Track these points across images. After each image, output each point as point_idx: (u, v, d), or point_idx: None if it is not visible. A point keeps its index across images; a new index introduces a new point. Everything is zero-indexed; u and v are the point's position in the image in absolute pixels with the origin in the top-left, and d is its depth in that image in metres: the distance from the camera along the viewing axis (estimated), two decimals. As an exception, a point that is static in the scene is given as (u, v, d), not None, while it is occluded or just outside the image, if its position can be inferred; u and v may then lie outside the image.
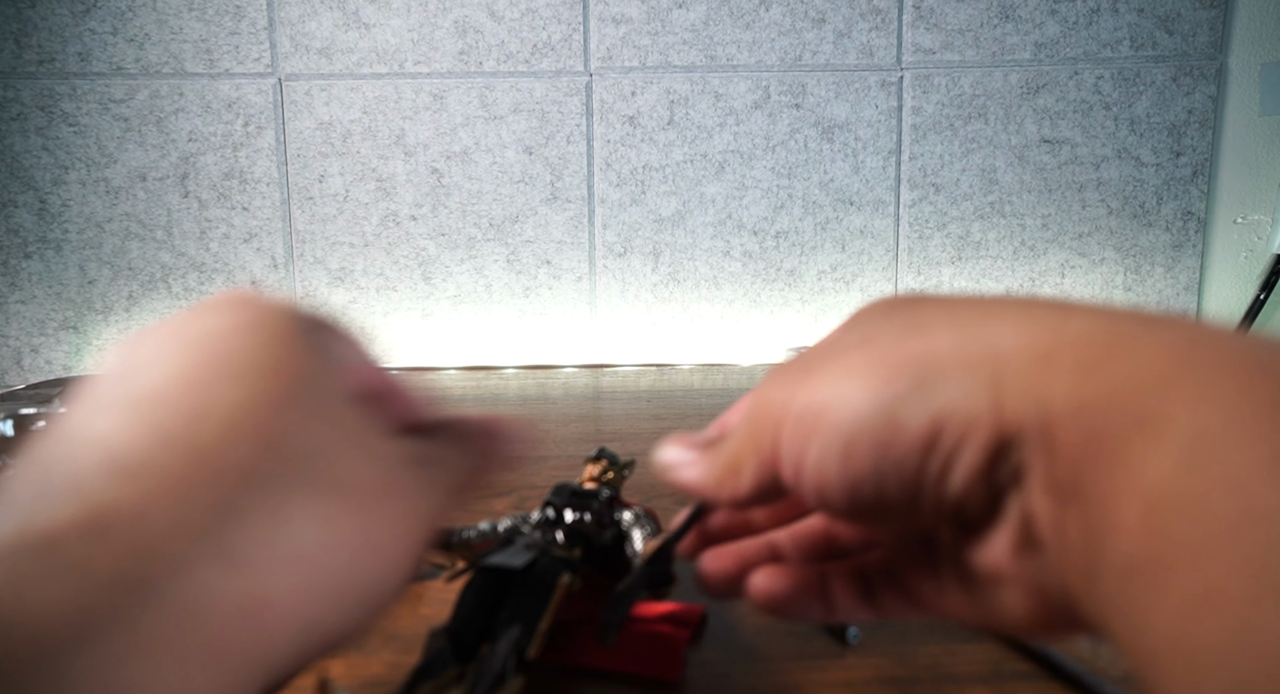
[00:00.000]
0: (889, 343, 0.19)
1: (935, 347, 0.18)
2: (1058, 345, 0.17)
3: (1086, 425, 0.15)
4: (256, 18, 0.93)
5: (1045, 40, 0.95)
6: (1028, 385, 0.17)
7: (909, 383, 0.18)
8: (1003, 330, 0.18)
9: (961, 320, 0.19)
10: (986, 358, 0.17)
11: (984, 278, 0.99)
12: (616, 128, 0.96)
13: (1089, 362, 0.16)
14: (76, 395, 0.20)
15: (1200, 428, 0.14)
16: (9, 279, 0.96)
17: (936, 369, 0.18)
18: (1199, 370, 0.14)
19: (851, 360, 0.19)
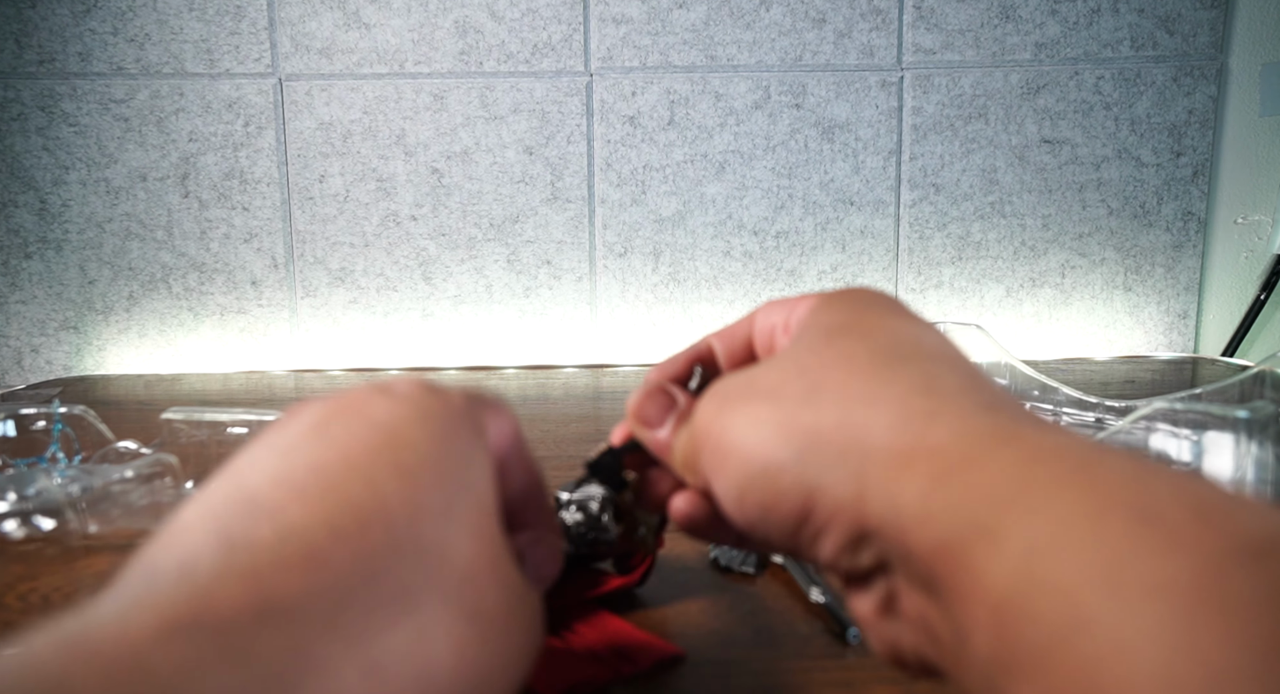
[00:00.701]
0: (790, 403, 0.21)
1: (821, 422, 0.20)
2: (916, 452, 0.18)
3: (935, 534, 0.17)
4: (257, 18, 0.93)
5: (1046, 40, 0.95)
6: (886, 486, 0.18)
7: (793, 454, 0.20)
8: (877, 421, 0.19)
9: (852, 394, 0.20)
10: (856, 449, 0.19)
11: (984, 278, 0.99)
12: (617, 128, 0.96)
13: (940, 473, 0.17)
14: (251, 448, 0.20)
15: (1033, 540, 0.15)
16: (9, 279, 0.96)
17: (816, 447, 0.20)
18: (1034, 487, 0.16)
19: (759, 411, 0.21)
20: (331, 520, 0.18)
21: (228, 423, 0.48)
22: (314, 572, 0.17)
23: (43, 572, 0.39)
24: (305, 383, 0.90)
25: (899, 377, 0.20)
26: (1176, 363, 0.95)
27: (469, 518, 0.20)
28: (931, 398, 0.19)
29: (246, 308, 0.98)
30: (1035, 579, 0.14)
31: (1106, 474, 0.15)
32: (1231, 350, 0.96)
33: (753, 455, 0.21)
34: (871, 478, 0.18)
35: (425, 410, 0.22)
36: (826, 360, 0.22)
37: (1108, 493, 0.15)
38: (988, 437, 0.18)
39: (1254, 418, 0.33)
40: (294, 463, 0.19)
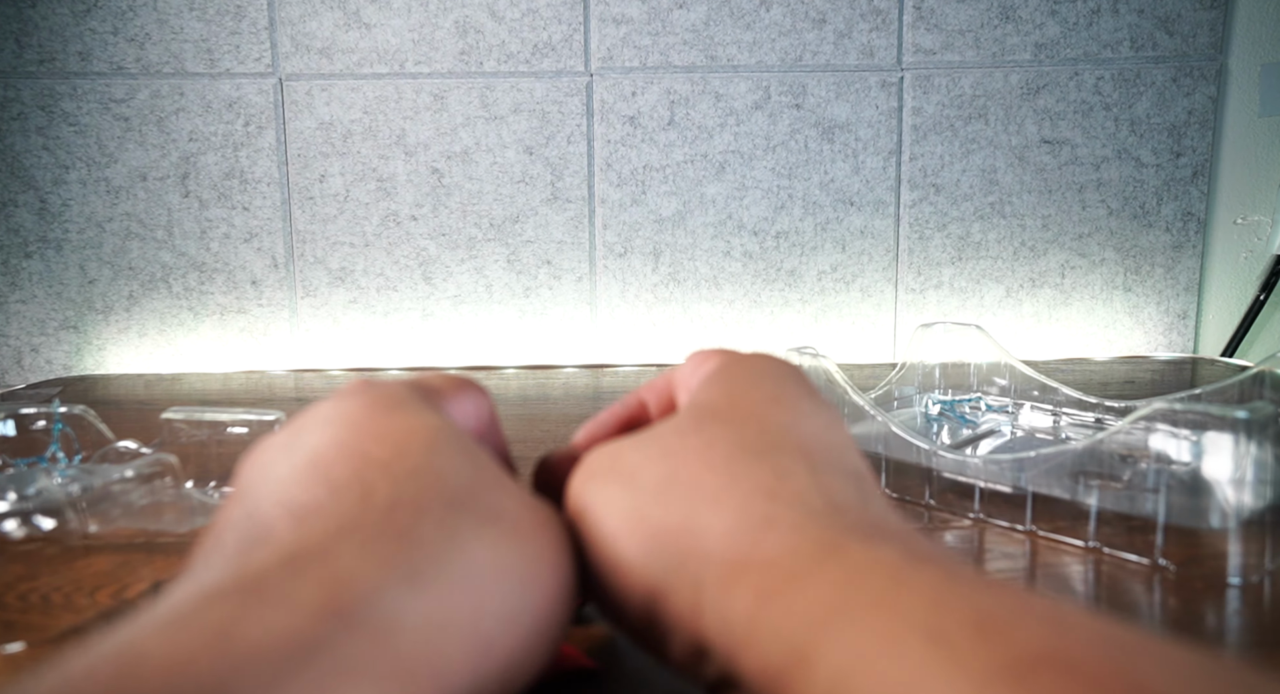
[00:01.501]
0: (644, 493, 0.21)
1: (668, 521, 0.20)
2: (748, 565, 0.18)
3: (759, 657, 0.17)
4: (257, 18, 0.93)
5: (1045, 41, 0.95)
6: (719, 602, 0.18)
7: (639, 553, 0.21)
8: (716, 526, 0.20)
9: (700, 492, 0.21)
10: (696, 555, 0.19)
11: (984, 278, 0.99)
12: (617, 128, 0.96)
13: (766, 590, 0.18)
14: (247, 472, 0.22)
15: (840, 666, 0.15)
16: (9, 279, 0.96)
17: (661, 548, 0.20)
18: (846, 610, 0.16)
19: (614, 496, 0.22)
20: (330, 481, 0.20)
21: (228, 422, 0.48)
22: (325, 520, 0.18)
23: (42, 571, 0.39)
24: (305, 383, 0.90)
25: (750, 474, 0.21)
26: (1176, 363, 0.95)
27: (452, 449, 0.22)
28: (773, 502, 0.20)
29: (246, 307, 0.98)
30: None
31: (909, 593, 0.16)
32: (1231, 351, 0.96)
33: (604, 546, 0.21)
34: (707, 589, 0.19)
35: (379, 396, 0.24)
36: (688, 447, 0.22)
37: (907, 614, 0.15)
38: (813, 552, 0.18)
39: (1254, 418, 0.33)
40: (291, 460, 0.21)
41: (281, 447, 0.22)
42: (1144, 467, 0.38)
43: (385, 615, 0.16)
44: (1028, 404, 0.58)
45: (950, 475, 0.45)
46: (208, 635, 0.14)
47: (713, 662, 0.19)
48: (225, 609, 0.15)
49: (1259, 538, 0.35)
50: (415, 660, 0.16)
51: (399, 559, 0.17)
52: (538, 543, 0.21)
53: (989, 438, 0.54)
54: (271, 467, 0.21)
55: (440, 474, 0.20)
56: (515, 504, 0.21)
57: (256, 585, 0.16)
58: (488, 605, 0.18)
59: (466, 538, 0.19)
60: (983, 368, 0.60)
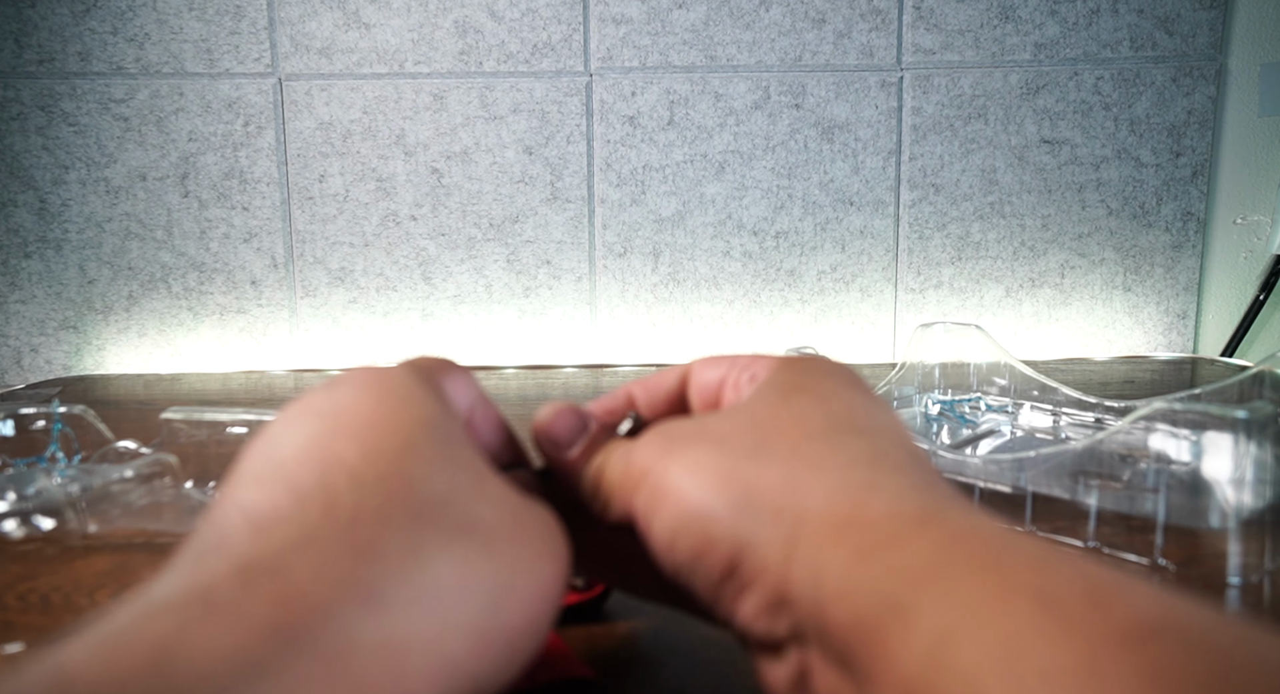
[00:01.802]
0: (736, 454, 0.21)
1: (763, 478, 0.20)
2: (849, 524, 0.19)
3: (852, 609, 0.17)
4: (256, 18, 0.93)
5: (1045, 41, 0.95)
6: (813, 555, 0.18)
7: (729, 505, 0.20)
8: (817, 486, 0.20)
9: (800, 455, 0.21)
10: (792, 512, 0.19)
11: (984, 278, 0.99)
12: (616, 128, 0.96)
13: (866, 548, 0.18)
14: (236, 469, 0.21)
15: (943, 623, 0.15)
16: (9, 279, 0.96)
17: (753, 502, 0.20)
18: (949, 569, 0.16)
19: (704, 457, 0.22)
20: (294, 487, 0.19)
21: (227, 422, 0.48)
22: (283, 531, 0.17)
23: (42, 571, 0.39)
24: (305, 382, 0.90)
25: (848, 444, 0.21)
26: (1176, 363, 0.95)
27: (431, 453, 0.20)
28: (875, 471, 0.20)
29: (246, 307, 0.98)
30: (942, 663, 0.15)
31: (1014, 558, 0.16)
32: (1231, 350, 0.96)
33: (690, 499, 0.21)
34: (801, 543, 0.19)
35: (368, 381, 0.22)
36: (780, 417, 0.22)
37: (1013, 576, 0.15)
38: (915, 517, 0.18)
39: (1253, 418, 0.33)
40: (262, 459, 0.20)
41: (265, 440, 0.21)
42: (1144, 466, 0.38)
43: (339, 636, 0.15)
44: (1027, 404, 0.58)
45: (950, 475, 0.45)
46: (146, 653, 0.14)
47: (789, 614, 0.19)
48: (167, 624, 0.14)
49: (1259, 538, 0.35)
50: (371, 684, 0.15)
51: (356, 576, 0.16)
52: (515, 554, 0.20)
53: (989, 438, 0.54)
54: (249, 463, 0.20)
55: (410, 481, 0.19)
56: (493, 512, 0.20)
57: (203, 597, 0.15)
58: (454, 625, 0.17)
59: (432, 553, 0.18)
60: (982, 368, 0.60)
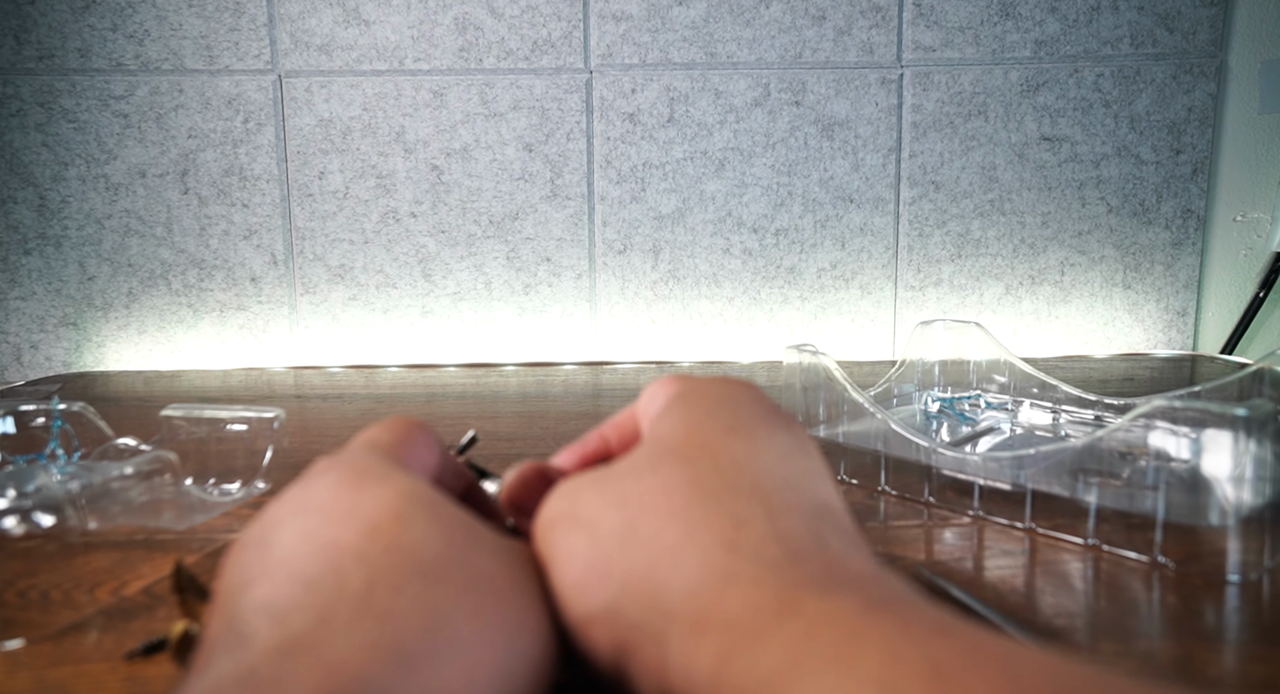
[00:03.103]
0: (605, 543, 0.22)
1: (631, 572, 0.21)
2: (710, 622, 0.19)
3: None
4: (256, 14, 0.93)
5: (1045, 38, 0.95)
6: (682, 656, 0.19)
7: (604, 605, 0.21)
8: (678, 580, 0.20)
9: (661, 542, 0.21)
10: (659, 610, 0.20)
11: (984, 275, 0.99)
12: (616, 125, 0.96)
13: (726, 650, 0.18)
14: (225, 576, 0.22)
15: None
16: (8, 275, 0.96)
17: (626, 600, 0.20)
18: (804, 669, 0.17)
19: (578, 548, 0.22)
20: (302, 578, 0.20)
21: (227, 419, 0.48)
22: (306, 614, 0.18)
23: (42, 568, 0.39)
24: (305, 379, 0.90)
25: (708, 523, 0.21)
26: (1175, 360, 0.95)
27: (423, 516, 0.22)
28: (733, 554, 0.20)
29: (246, 304, 0.98)
30: None
31: (864, 649, 0.16)
32: (1230, 348, 0.96)
33: (570, 599, 0.21)
34: (672, 645, 0.19)
35: (343, 474, 0.23)
36: (645, 491, 0.22)
37: (862, 669, 0.16)
38: (774, 608, 0.18)
39: (1253, 416, 0.33)
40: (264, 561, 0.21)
41: (255, 544, 0.22)
42: (1143, 464, 0.38)
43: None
44: (1027, 401, 0.58)
45: (950, 473, 0.45)
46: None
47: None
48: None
49: (1258, 535, 0.36)
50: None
51: (384, 641, 0.17)
52: (520, 597, 0.21)
53: (988, 435, 0.54)
54: (246, 568, 0.21)
55: (413, 548, 0.20)
56: (491, 561, 0.21)
57: (248, 679, 0.16)
58: (480, 673, 0.18)
59: (447, 608, 0.19)
60: (982, 365, 0.60)
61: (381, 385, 0.86)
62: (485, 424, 0.68)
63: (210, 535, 0.43)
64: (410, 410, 0.74)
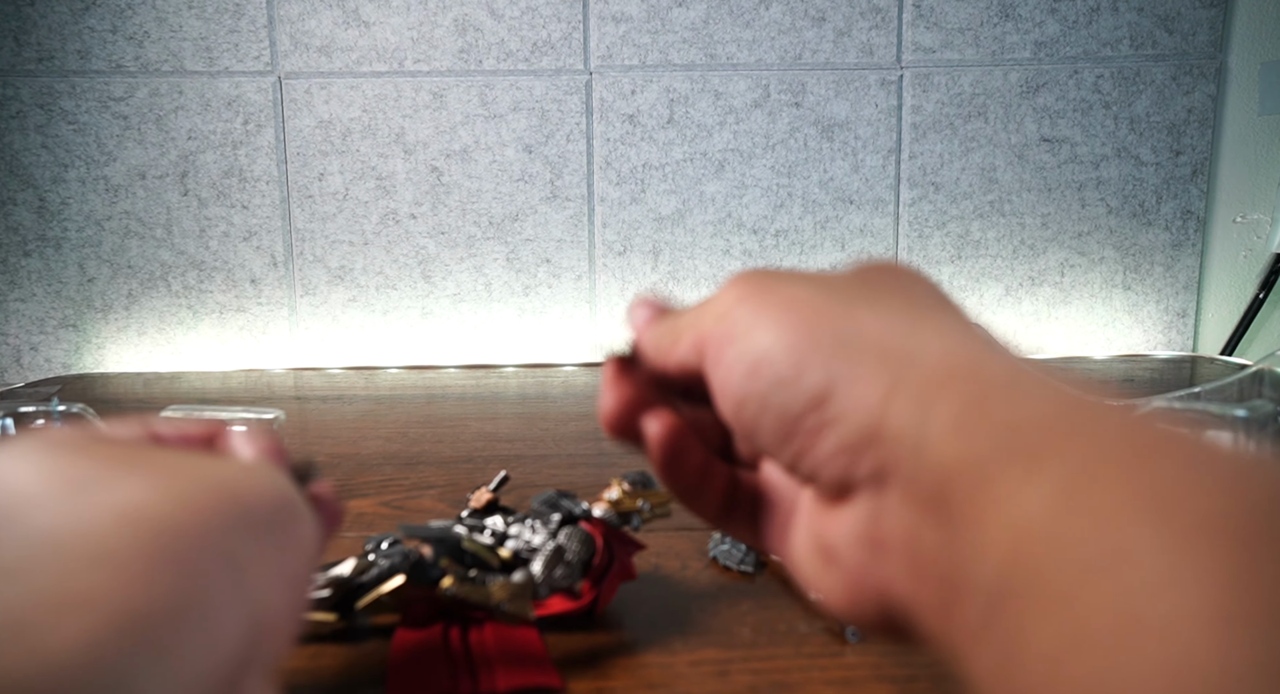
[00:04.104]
0: (844, 297, 0.20)
1: (870, 321, 0.19)
2: (967, 374, 0.17)
3: (963, 449, 0.16)
4: (256, 16, 0.93)
5: (1045, 39, 0.95)
6: (922, 394, 0.17)
7: (829, 338, 0.19)
8: (930, 340, 0.19)
9: (908, 311, 0.20)
10: (901, 356, 0.18)
11: (984, 276, 0.99)
12: (616, 126, 0.96)
13: (985, 394, 0.17)
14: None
15: (1077, 467, 0.14)
16: (8, 277, 0.96)
17: (856, 341, 0.19)
18: (1079, 416, 0.15)
19: (803, 293, 0.20)
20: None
21: (227, 421, 0.47)
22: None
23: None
24: (304, 381, 0.90)
25: (957, 317, 0.20)
26: (1175, 361, 0.95)
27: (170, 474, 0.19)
28: (992, 344, 0.19)
29: (246, 306, 0.98)
30: (1074, 505, 0.13)
31: (1151, 425, 0.15)
32: (1230, 349, 0.96)
33: (790, 325, 0.20)
34: (906, 384, 0.18)
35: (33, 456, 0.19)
36: (880, 285, 0.21)
37: (1156, 434, 0.14)
38: (1038, 378, 0.17)
39: (1252, 416, 0.33)
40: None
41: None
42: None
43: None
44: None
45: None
46: None
47: (875, 455, 0.18)
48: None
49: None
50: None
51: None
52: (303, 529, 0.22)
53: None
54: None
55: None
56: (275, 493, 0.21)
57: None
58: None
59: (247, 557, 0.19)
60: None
61: (381, 387, 0.86)
62: (485, 425, 0.68)
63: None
64: (410, 412, 0.74)
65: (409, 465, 0.57)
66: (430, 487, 0.52)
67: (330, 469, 0.56)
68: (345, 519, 0.29)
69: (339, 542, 0.43)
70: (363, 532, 0.44)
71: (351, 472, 0.56)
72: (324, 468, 0.56)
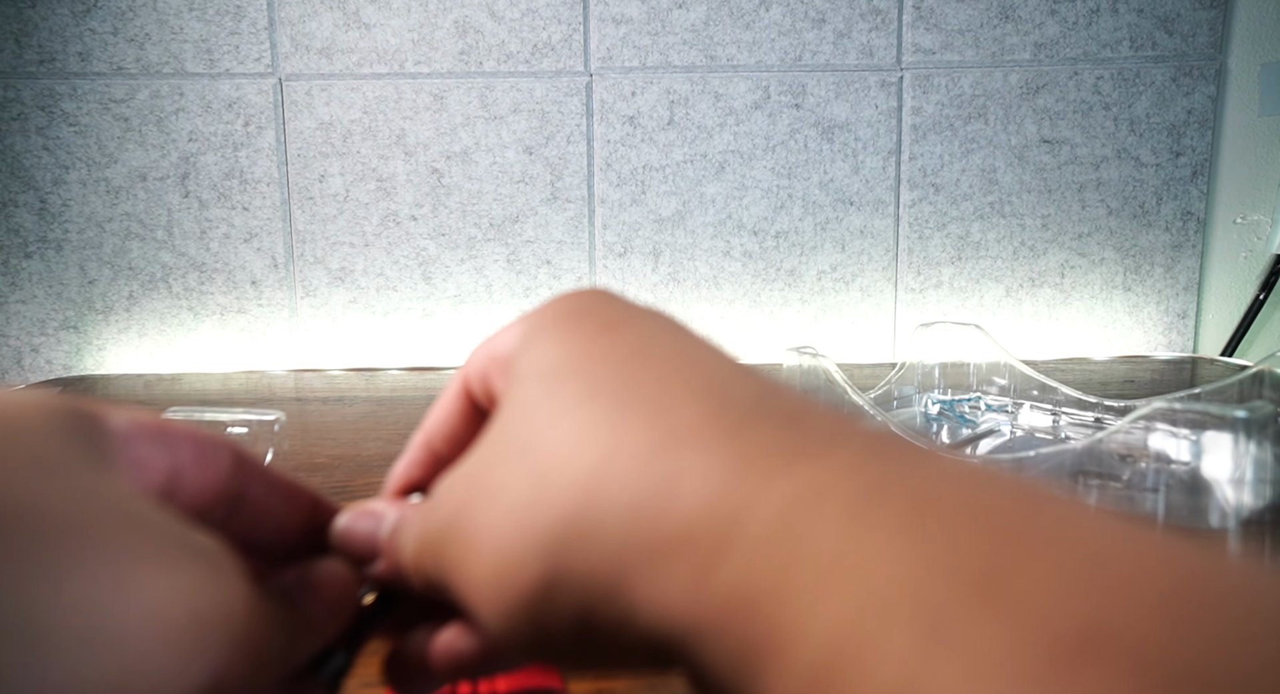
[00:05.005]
0: (525, 502, 0.17)
1: (558, 522, 0.16)
2: (667, 541, 0.15)
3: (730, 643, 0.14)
4: (257, 18, 0.93)
5: (1045, 40, 0.95)
6: (649, 596, 0.15)
7: (539, 575, 0.16)
8: (614, 507, 0.16)
9: (580, 472, 0.16)
10: (606, 555, 0.16)
11: (984, 278, 0.99)
12: (616, 128, 0.96)
13: (699, 568, 0.14)
14: None
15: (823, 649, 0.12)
16: (9, 279, 0.96)
17: (566, 561, 0.16)
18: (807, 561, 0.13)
19: (497, 524, 0.17)
20: None
21: (228, 422, 0.48)
22: None
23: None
24: (305, 382, 0.90)
25: (627, 425, 0.16)
26: (1176, 363, 0.95)
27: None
28: (670, 447, 0.16)
29: (246, 307, 0.98)
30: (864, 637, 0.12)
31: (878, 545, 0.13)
32: (1230, 350, 0.96)
33: (496, 585, 0.17)
34: (634, 585, 0.15)
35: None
36: (542, 426, 0.18)
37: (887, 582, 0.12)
38: (740, 496, 0.14)
39: (1253, 418, 0.33)
40: None
41: None
42: (1143, 466, 0.38)
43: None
44: (1027, 404, 0.58)
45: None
46: None
47: (675, 654, 0.15)
48: None
49: (1258, 537, 0.35)
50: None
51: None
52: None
53: (988, 437, 0.54)
54: None
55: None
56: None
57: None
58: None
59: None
60: (982, 367, 0.60)
61: (382, 388, 0.86)
62: (486, 427, 0.68)
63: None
64: (411, 413, 0.74)
65: (410, 467, 0.57)
66: (431, 488, 0.52)
67: (331, 471, 0.56)
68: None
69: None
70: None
71: (352, 473, 0.56)
72: (325, 469, 0.56)
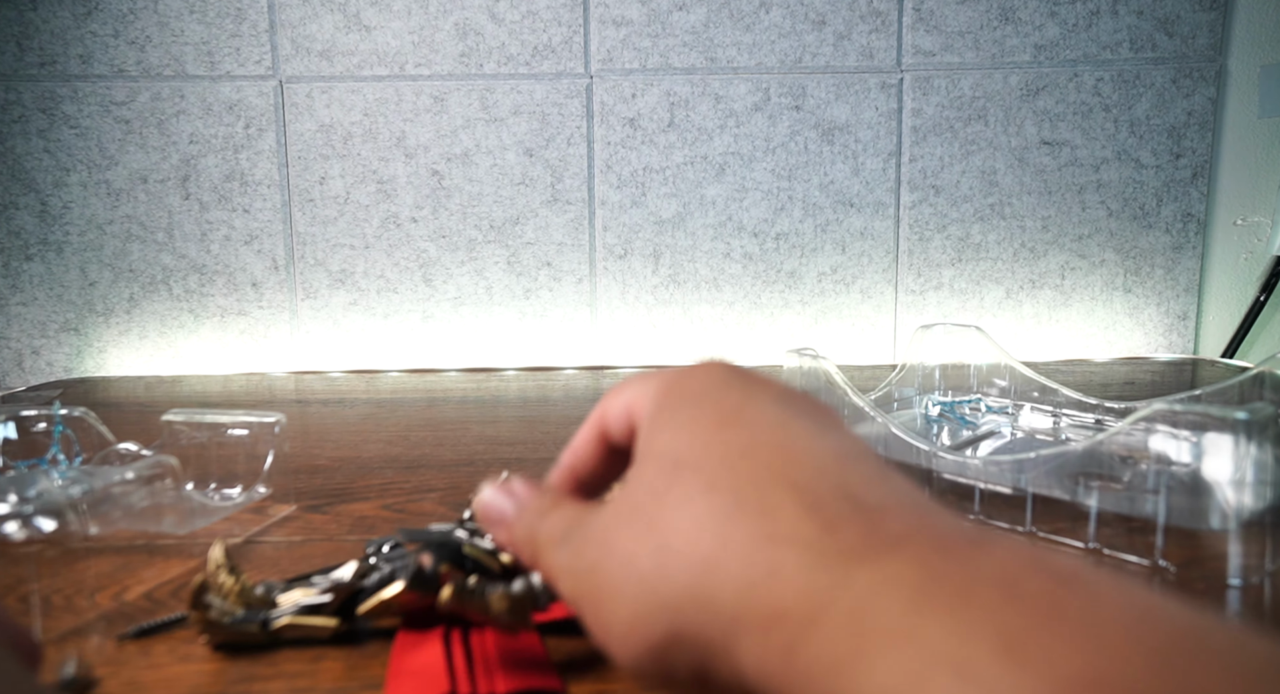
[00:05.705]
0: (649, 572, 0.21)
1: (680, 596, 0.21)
2: (767, 619, 0.19)
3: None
4: (257, 20, 0.93)
5: (1045, 42, 0.95)
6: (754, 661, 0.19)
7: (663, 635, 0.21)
8: (727, 590, 0.20)
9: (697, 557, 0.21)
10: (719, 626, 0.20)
11: (984, 279, 0.99)
12: (617, 130, 0.96)
13: (790, 641, 0.18)
14: None
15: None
16: (10, 281, 0.96)
17: (685, 625, 0.20)
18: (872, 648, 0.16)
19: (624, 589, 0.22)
20: None
21: (228, 424, 0.48)
22: None
23: (43, 573, 0.39)
24: (305, 384, 0.90)
25: (738, 523, 0.21)
26: (1176, 364, 0.95)
27: None
28: (772, 546, 0.20)
29: (247, 310, 0.98)
30: None
31: (928, 623, 0.16)
32: (1231, 352, 0.96)
33: (630, 636, 0.21)
34: (742, 652, 0.19)
35: None
36: (668, 508, 0.22)
37: (930, 646, 0.15)
38: (825, 588, 0.18)
39: (1253, 419, 0.33)
40: None
41: None
42: (1144, 468, 0.38)
43: None
44: (1028, 405, 0.58)
45: (950, 477, 0.45)
46: None
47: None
48: None
49: (1259, 539, 0.35)
50: None
51: None
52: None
53: (989, 439, 0.54)
54: None
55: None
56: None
57: None
58: None
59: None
60: (983, 369, 0.60)
61: (382, 390, 0.87)
62: (486, 429, 0.68)
63: (211, 540, 0.43)
64: (411, 415, 0.74)
65: (410, 469, 0.57)
66: (431, 490, 0.52)
67: (331, 472, 0.56)
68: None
69: (341, 545, 0.43)
70: (364, 535, 0.44)
71: (352, 475, 0.56)
72: (325, 471, 0.56)
